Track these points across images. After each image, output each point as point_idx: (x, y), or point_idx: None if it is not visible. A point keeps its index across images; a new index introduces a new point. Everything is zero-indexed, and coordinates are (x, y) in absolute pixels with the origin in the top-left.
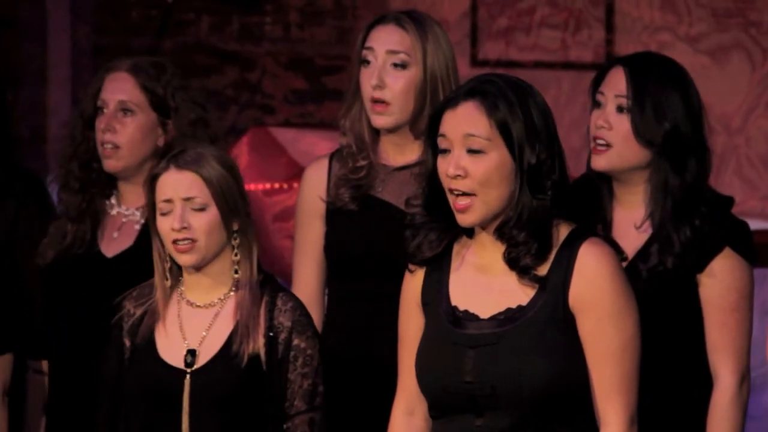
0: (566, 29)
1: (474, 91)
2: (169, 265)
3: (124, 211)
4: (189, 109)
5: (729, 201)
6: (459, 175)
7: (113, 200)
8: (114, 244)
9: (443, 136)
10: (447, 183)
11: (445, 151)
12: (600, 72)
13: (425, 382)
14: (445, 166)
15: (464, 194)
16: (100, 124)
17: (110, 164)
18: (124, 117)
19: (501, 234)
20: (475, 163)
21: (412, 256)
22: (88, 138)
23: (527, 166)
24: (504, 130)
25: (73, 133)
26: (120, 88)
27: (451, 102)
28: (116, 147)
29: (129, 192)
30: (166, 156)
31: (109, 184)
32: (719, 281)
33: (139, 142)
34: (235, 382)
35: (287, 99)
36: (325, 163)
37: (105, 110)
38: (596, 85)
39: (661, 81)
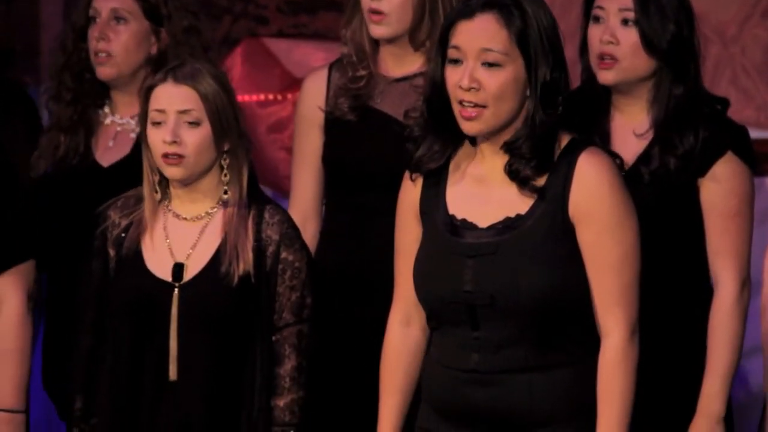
0: None
1: (492, 2)
2: (158, 177)
3: (118, 120)
4: (181, 17)
5: (725, 101)
6: (473, 88)
7: (106, 110)
8: (109, 153)
9: (456, 47)
10: (458, 94)
11: (457, 62)
12: None
13: (423, 291)
14: (457, 77)
15: (475, 105)
16: (94, 32)
17: (104, 72)
18: (117, 25)
19: (509, 147)
20: (490, 76)
21: (416, 167)
22: (80, 49)
23: (542, 82)
24: (522, 45)
25: (65, 44)
26: None
27: (467, 13)
28: (110, 55)
29: (122, 101)
30: (160, 66)
31: (101, 93)
32: (722, 185)
33: (132, 50)
34: (224, 295)
35: (281, 9)
36: (325, 72)
37: (98, 19)
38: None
39: None
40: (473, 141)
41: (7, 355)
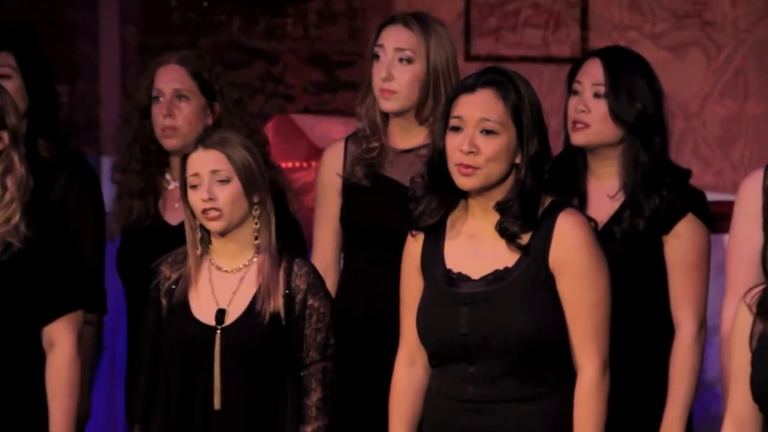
0: (547, 28)
1: (491, 81)
2: (199, 235)
3: None
4: (231, 92)
5: (688, 172)
6: (472, 152)
7: (168, 177)
8: (176, 213)
9: (458, 117)
10: (457, 158)
11: (458, 129)
12: (576, 64)
13: (426, 335)
14: (458, 142)
15: (470, 167)
16: (160, 110)
17: (170, 143)
18: (180, 102)
19: (501, 207)
20: (487, 142)
21: (416, 222)
22: (143, 125)
23: (532, 153)
24: (516, 117)
25: (130, 122)
26: (174, 78)
27: (469, 88)
28: (175, 129)
29: None
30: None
31: (164, 162)
32: (683, 242)
33: (194, 123)
34: (259, 337)
35: (306, 89)
36: (342, 144)
37: (161, 98)
38: (573, 75)
39: (631, 70)
40: (466, 202)
41: (60, 390)
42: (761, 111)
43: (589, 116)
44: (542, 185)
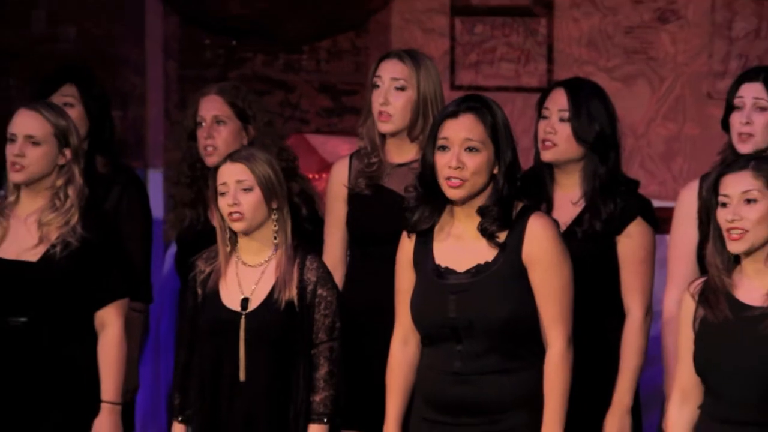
0: (519, 62)
1: (471, 107)
2: (228, 234)
3: None
4: (262, 116)
5: (637, 182)
6: (459, 167)
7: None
8: None
9: (445, 138)
10: (446, 172)
11: (445, 148)
12: (544, 93)
13: (419, 319)
14: (446, 160)
15: (458, 179)
16: (203, 133)
17: (212, 161)
18: (218, 126)
19: (482, 211)
20: (471, 158)
21: (412, 228)
22: (190, 146)
23: (507, 165)
24: (493, 136)
25: (179, 144)
26: (213, 106)
27: (453, 114)
28: (215, 148)
29: None
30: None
31: (209, 177)
32: (633, 241)
33: (231, 143)
34: (277, 321)
35: (318, 114)
36: (347, 160)
37: (203, 123)
38: (541, 102)
39: (590, 97)
40: (452, 208)
41: (110, 363)
42: (697, 132)
43: (556, 137)
44: (516, 192)
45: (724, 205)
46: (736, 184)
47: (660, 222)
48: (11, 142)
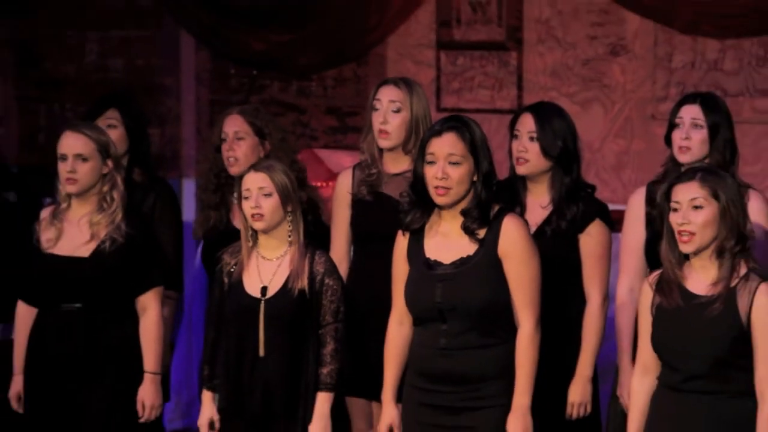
0: (494, 89)
1: (452, 126)
2: (250, 232)
3: None
4: (278, 133)
5: (594, 187)
6: (444, 178)
7: (235, 195)
8: None
9: (432, 153)
10: (434, 183)
11: (432, 162)
12: (515, 116)
13: (412, 303)
14: (434, 172)
15: (444, 188)
16: (226, 147)
17: (233, 171)
18: (239, 141)
19: (465, 213)
20: (454, 170)
21: (405, 227)
22: (216, 158)
23: (484, 173)
24: (472, 150)
25: (207, 156)
26: (234, 124)
27: (437, 132)
28: (236, 159)
29: None
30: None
31: (231, 184)
32: (593, 238)
33: (249, 156)
34: (291, 306)
35: (325, 132)
36: (351, 170)
37: (227, 139)
38: (513, 124)
39: (554, 117)
40: (440, 210)
41: (152, 340)
42: (643, 147)
43: (528, 154)
44: (493, 196)
45: (675, 210)
46: (686, 192)
47: (615, 222)
48: (62, 160)
